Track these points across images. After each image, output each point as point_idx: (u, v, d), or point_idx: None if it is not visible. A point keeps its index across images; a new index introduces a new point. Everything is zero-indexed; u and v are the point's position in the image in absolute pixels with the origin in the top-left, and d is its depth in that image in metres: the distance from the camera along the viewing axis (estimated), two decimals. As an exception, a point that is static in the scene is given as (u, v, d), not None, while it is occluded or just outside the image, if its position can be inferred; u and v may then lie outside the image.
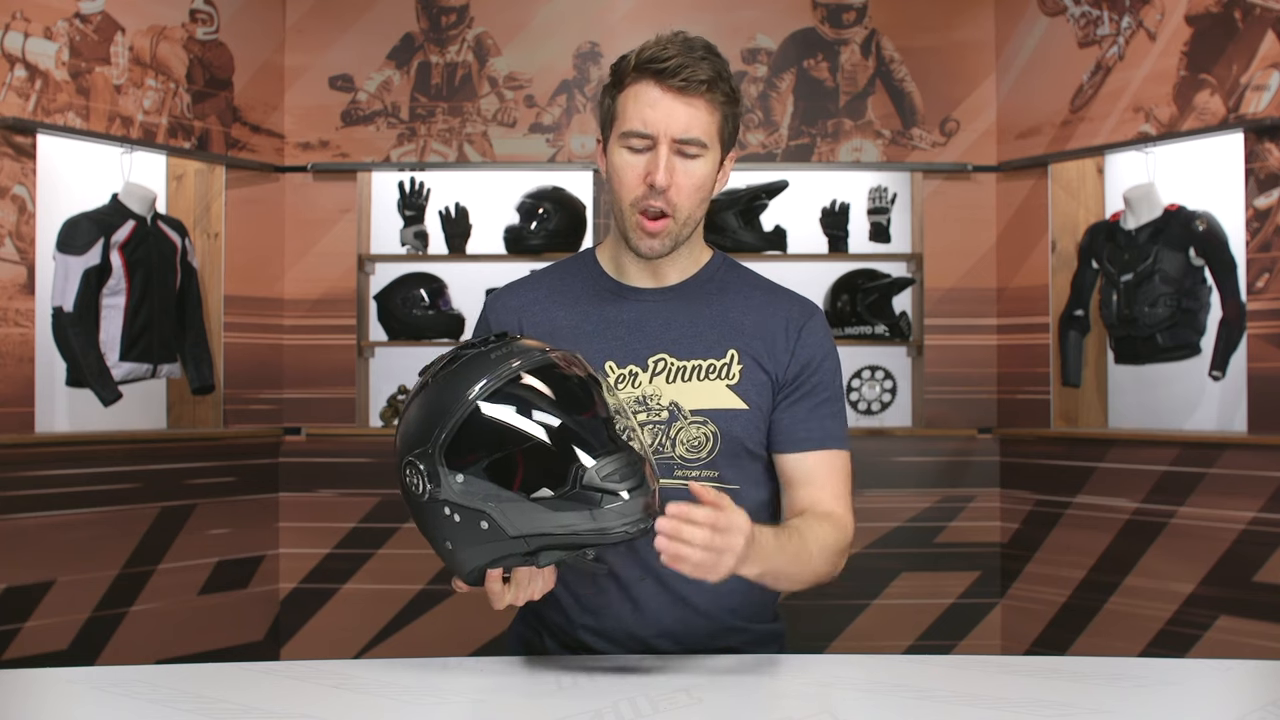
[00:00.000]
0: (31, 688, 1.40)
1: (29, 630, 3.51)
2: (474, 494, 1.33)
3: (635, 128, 1.55)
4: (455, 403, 1.35)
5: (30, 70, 3.55)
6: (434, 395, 1.38)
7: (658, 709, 1.25)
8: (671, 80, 1.53)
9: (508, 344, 1.41)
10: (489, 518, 1.33)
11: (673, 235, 1.60)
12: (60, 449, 3.63)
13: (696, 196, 1.59)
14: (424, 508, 1.38)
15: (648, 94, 1.55)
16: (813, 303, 1.72)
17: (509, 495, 1.33)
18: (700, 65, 1.54)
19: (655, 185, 1.55)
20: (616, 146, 1.59)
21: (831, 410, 1.66)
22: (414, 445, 1.37)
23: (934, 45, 4.30)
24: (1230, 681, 1.44)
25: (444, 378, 1.39)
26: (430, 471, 1.35)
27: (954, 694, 1.34)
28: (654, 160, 1.55)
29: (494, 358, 1.37)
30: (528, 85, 4.27)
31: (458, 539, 1.36)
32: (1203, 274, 3.71)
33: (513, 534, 1.32)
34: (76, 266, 3.54)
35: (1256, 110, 3.54)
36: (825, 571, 1.56)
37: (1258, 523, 3.51)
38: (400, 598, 4.18)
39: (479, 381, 1.35)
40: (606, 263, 1.71)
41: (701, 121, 1.56)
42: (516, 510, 1.32)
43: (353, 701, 1.32)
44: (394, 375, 4.34)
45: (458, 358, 1.40)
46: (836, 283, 4.24)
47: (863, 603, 4.21)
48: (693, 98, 1.55)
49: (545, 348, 1.42)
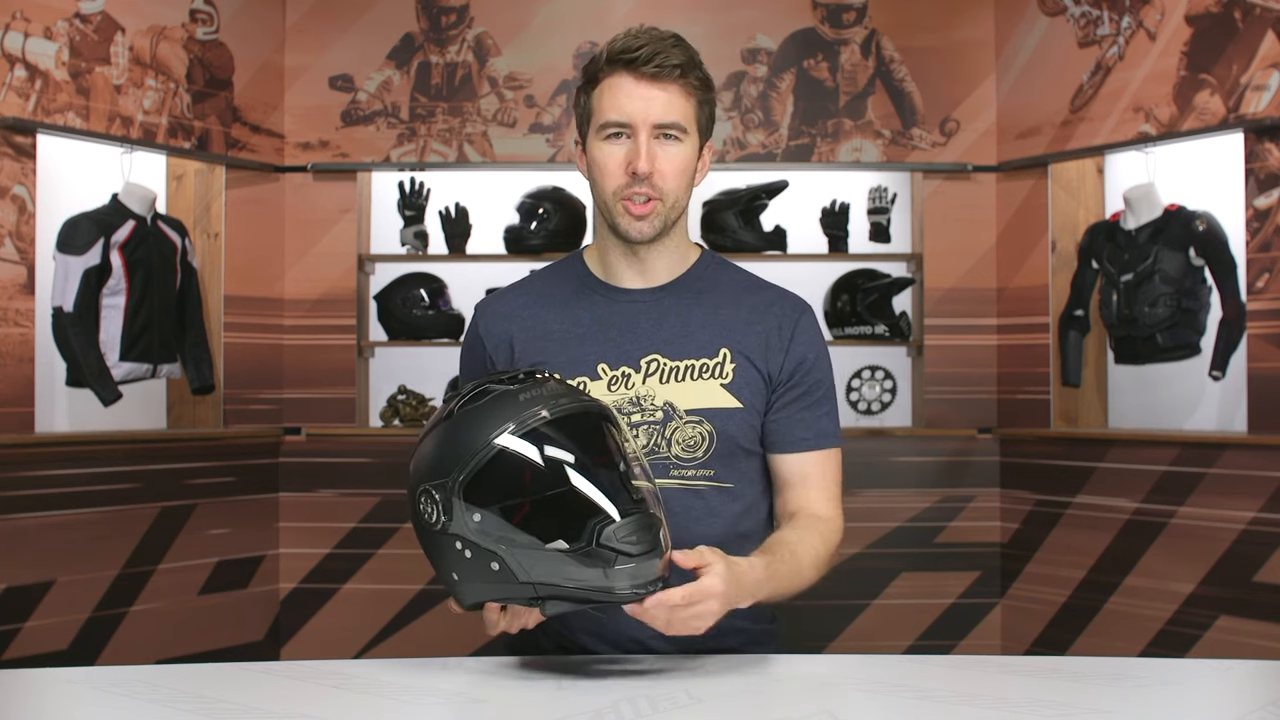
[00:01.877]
0: (31, 688, 1.40)
1: (29, 630, 3.51)
2: (488, 534, 1.33)
3: (613, 118, 1.57)
4: (478, 442, 1.34)
5: (30, 70, 3.55)
6: (457, 430, 1.37)
7: (658, 709, 1.25)
8: (645, 68, 1.55)
9: (538, 385, 1.39)
10: (501, 560, 1.32)
11: (661, 217, 1.60)
12: (60, 449, 3.63)
13: (681, 180, 1.60)
14: (435, 537, 1.37)
15: (623, 85, 1.56)
16: (803, 299, 1.73)
17: (524, 540, 1.32)
18: (672, 52, 1.56)
19: (638, 172, 1.56)
20: (596, 141, 1.60)
21: (825, 409, 1.67)
22: (432, 476, 1.36)
23: (934, 45, 4.30)
24: (1230, 681, 1.44)
25: (470, 413, 1.37)
26: (445, 504, 1.34)
27: (954, 694, 1.34)
28: (635, 149, 1.56)
29: (522, 400, 1.36)
30: (528, 85, 4.27)
31: (466, 573, 1.36)
32: (1203, 274, 3.71)
33: (523, 579, 1.32)
34: (76, 266, 3.54)
35: (1256, 110, 3.54)
36: (816, 579, 1.58)
37: (1258, 523, 3.51)
38: (400, 598, 4.18)
39: (505, 424, 1.34)
40: (595, 264, 1.71)
41: (678, 106, 1.57)
42: (529, 557, 1.32)
43: (353, 701, 1.32)
44: (394, 375, 4.34)
45: (486, 392, 1.39)
46: (836, 283, 4.24)
47: (863, 603, 4.21)
48: (667, 83, 1.56)
49: (572, 392, 1.41)
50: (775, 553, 1.51)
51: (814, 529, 1.59)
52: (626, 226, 1.60)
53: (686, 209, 1.66)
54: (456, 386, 1.82)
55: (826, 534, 1.60)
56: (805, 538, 1.57)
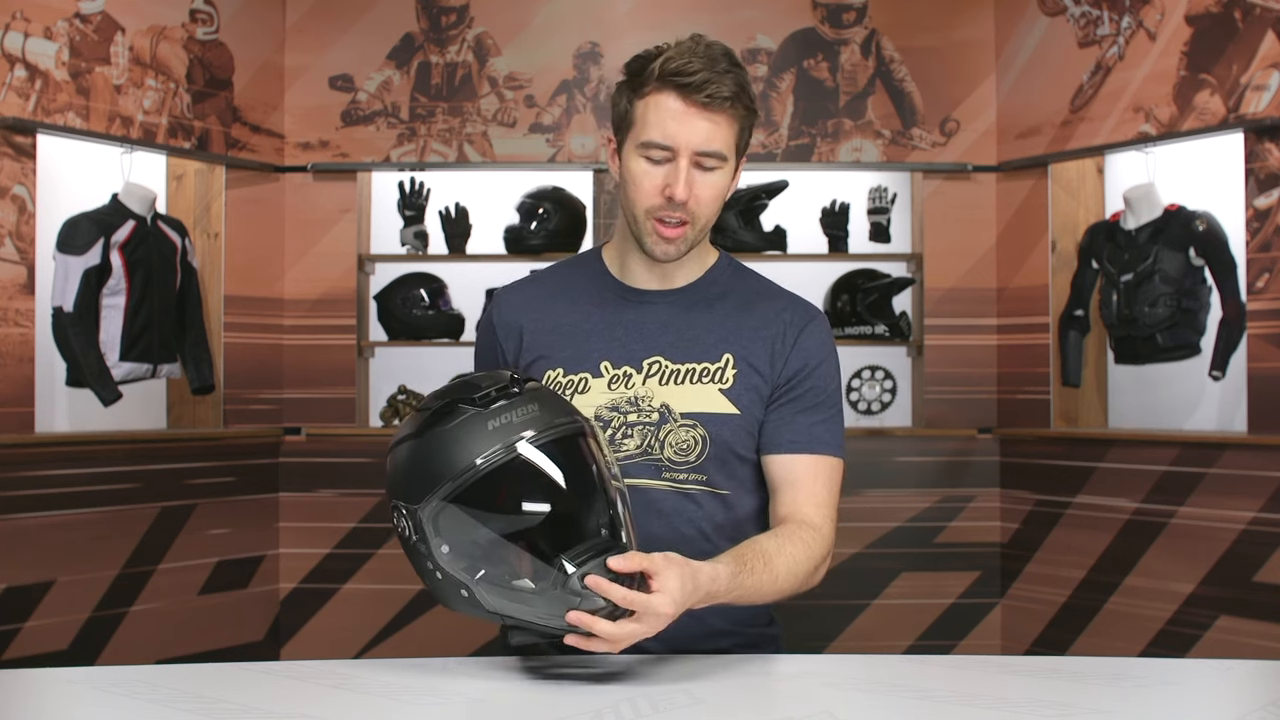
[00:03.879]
0: (31, 688, 1.40)
1: (29, 630, 3.51)
2: (457, 564, 1.34)
3: (655, 139, 1.53)
4: (447, 470, 1.33)
5: (30, 70, 3.55)
6: (427, 452, 1.36)
7: (658, 709, 1.25)
8: (696, 95, 1.51)
9: (509, 408, 1.35)
10: (469, 589, 1.34)
11: (689, 240, 1.59)
12: (60, 449, 3.63)
13: (715, 205, 1.59)
14: (410, 547, 1.38)
15: (670, 106, 1.53)
16: (815, 307, 1.70)
17: (491, 574, 1.33)
18: (724, 80, 1.52)
19: (675, 199, 1.54)
20: (634, 154, 1.56)
21: (823, 416, 1.63)
22: (402, 495, 1.37)
23: (934, 45, 4.30)
24: (1230, 681, 1.44)
25: (438, 436, 1.35)
26: (417, 526, 1.35)
27: (954, 694, 1.34)
28: (674, 173, 1.54)
29: (491, 428, 1.34)
30: (528, 85, 4.27)
31: (438, 590, 1.38)
32: (1203, 274, 3.71)
33: (489, 609, 1.34)
34: (76, 266, 3.54)
35: (1256, 110, 3.54)
36: (793, 589, 1.53)
37: (1258, 523, 3.51)
38: (400, 598, 4.18)
39: (474, 455, 1.32)
40: (613, 263, 1.70)
41: (722, 135, 1.54)
42: (495, 592, 1.33)
43: (353, 701, 1.32)
44: (394, 375, 4.34)
45: (455, 411, 1.36)
46: (836, 283, 4.24)
47: (863, 603, 4.21)
48: (716, 113, 1.53)
49: (545, 412, 1.37)
50: (746, 563, 1.45)
51: (796, 538, 1.53)
52: (653, 246, 1.58)
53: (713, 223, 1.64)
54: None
55: (811, 544, 1.54)
56: (785, 547, 1.51)
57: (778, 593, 1.51)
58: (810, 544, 1.54)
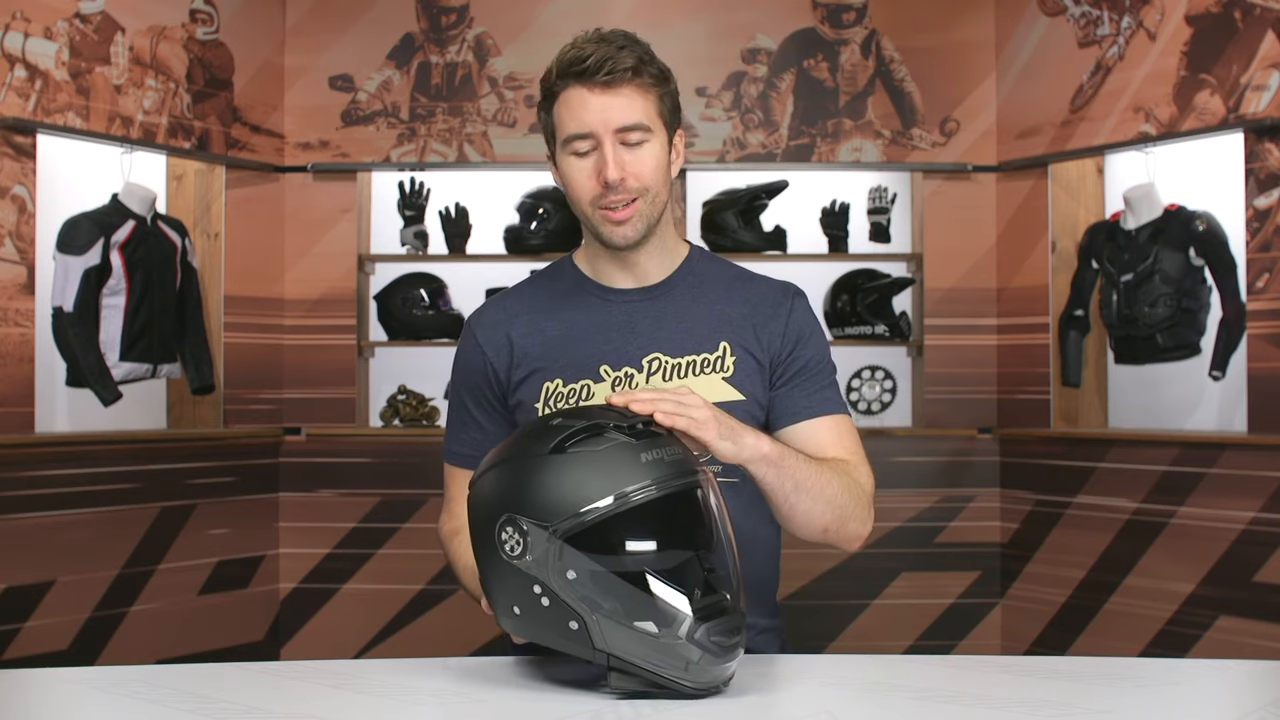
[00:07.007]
0: (31, 688, 1.40)
1: (29, 630, 3.51)
2: (577, 594, 1.25)
3: (573, 130, 1.56)
4: (592, 495, 1.25)
5: (30, 70, 3.55)
6: (568, 469, 1.27)
7: (658, 709, 1.25)
8: (596, 77, 1.55)
9: (660, 443, 1.31)
10: (583, 622, 1.25)
11: (644, 217, 1.59)
12: (60, 449, 3.63)
13: (658, 176, 1.59)
14: (506, 566, 1.29)
15: (578, 97, 1.56)
16: (794, 285, 1.74)
17: (612, 610, 1.25)
18: (620, 55, 1.56)
19: (609, 181, 1.55)
20: (563, 155, 1.59)
21: (827, 381, 1.67)
22: (524, 510, 1.27)
23: (934, 45, 4.30)
24: (1230, 681, 1.44)
25: (585, 457, 1.28)
26: (535, 544, 1.26)
27: (954, 694, 1.34)
28: (602, 158, 1.55)
29: (644, 460, 1.27)
30: (528, 85, 4.27)
31: (533, 615, 1.29)
32: (1203, 274, 3.71)
33: (598, 646, 1.25)
34: (76, 266, 3.54)
35: (1256, 110, 3.54)
36: (848, 505, 1.53)
37: (1258, 523, 3.51)
38: (400, 598, 4.18)
39: (625, 485, 1.25)
40: (586, 267, 1.71)
41: (637, 106, 1.56)
42: (614, 629, 1.25)
43: (353, 701, 1.32)
44: (394, 375, 4.34)
45: (602, 434, 1.29)
46: (836, 283, 4.24)
47: (863, 603, 4.21)
48: (620, 87, 1.55)
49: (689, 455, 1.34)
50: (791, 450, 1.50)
51: (835, 467, 1.55)
52: (610, 234, 1.60)
53: (668, 205, 1.64)
54: (449, 396, 1.78)
55: (852, 470, 1.57)
56: (832, 462, 1.56)
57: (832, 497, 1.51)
58: (851, 471, 1.58)
